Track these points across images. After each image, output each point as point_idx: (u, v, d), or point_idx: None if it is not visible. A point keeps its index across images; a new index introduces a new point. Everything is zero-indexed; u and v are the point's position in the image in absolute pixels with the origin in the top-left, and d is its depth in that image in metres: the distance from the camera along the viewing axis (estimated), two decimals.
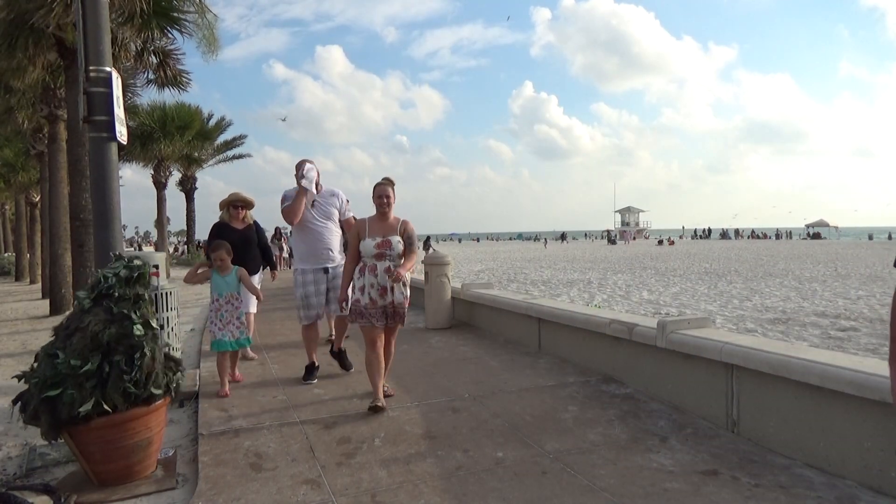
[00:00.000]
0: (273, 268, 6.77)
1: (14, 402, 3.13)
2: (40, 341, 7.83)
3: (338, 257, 5.14)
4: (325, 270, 5.04)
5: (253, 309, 6.20)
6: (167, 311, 4.93)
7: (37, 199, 20.31)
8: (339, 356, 5.37)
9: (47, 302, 11.65)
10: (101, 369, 3.05)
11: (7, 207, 31.64)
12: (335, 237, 5.14)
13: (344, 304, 4.45)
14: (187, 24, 10.18)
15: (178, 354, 5.18)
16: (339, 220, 5.22)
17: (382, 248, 4.18)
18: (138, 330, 3.16)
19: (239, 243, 5.67)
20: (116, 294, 3.21)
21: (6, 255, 29.68)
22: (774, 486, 2.93)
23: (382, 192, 4.29)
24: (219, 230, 6.04)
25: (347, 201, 5.29)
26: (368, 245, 4.19)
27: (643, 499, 2.85)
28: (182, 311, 6.15)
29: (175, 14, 9.94)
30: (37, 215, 20.33)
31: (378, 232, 4.23)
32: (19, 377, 3.13)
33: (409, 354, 5.98)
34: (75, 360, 3.01)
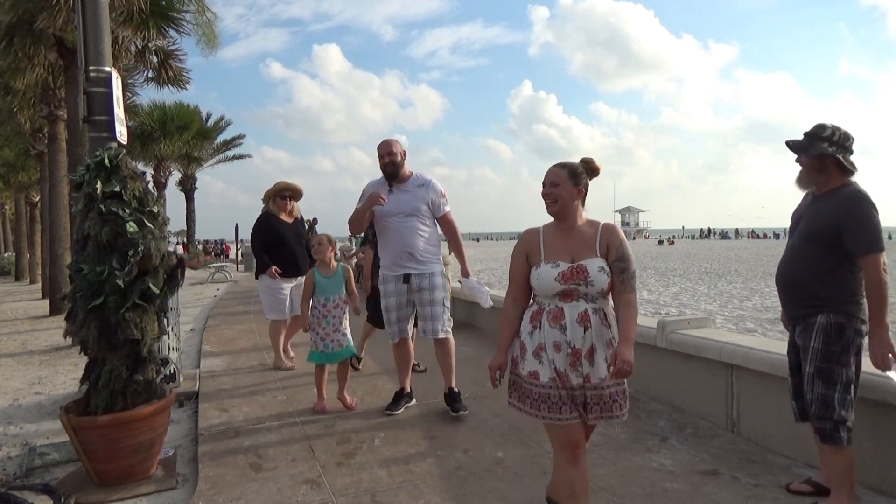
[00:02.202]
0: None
1: (66, 318, 3.27)
2: (40, 341, 7.85)
3: (430, 261, 4.05)
4: (406, 279, 4.02)
5: (279, 317, 5.54)
6: (168, 310, 4.92)
7: (37, 199, 20.31)
8: (451, 399, 4.13)
9: (47, 302, 11.65)
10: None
11: (7, 207, 31.64)
12: (422, 237, 4.02)
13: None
14: (185, 23, 10.19)
15: (177, 354, 5.19)
16: (437, 217, 4.11)
17: (572, 279, 2.33)
18: (132, 227, 3.13)
19: (291, 239, 5.18)
20: (100, 192, 3.18)
21: (6, 255, 29.67)
22: (774, 486, 2.93)
23: (555, 179, 2.42)
24: (268, 224, 5.40)
25: (443, 194, 4.11)
26: (546, 276, 2.35)
27: (643, 499, 2.85)
28: (182, 311, 6.14)
29: (173, 14, 9.94)
30: (37, 215, 20.32)
31: (562, 251, 2.38)
32: (63, 297, 3.25)
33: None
34: (100, 268, 3.09)
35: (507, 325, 2.50)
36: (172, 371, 4.59)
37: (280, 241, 5.43)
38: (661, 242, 64.31)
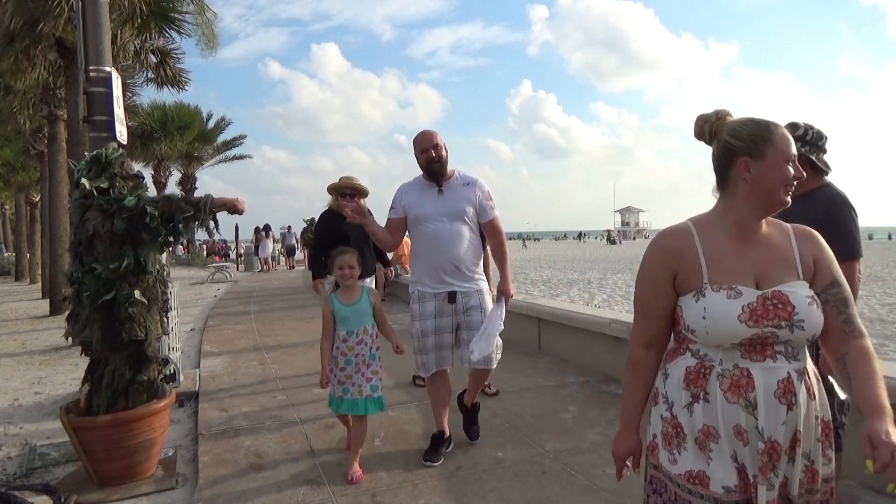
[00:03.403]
0: (386, 264, 5.95)
1: (67, 319, 3.29)
2: (40, 341, 7.85)
3: (477, 277, 3.41)
4: (452, 297, 3.32)
5: None
6: (167, 310, 4.93)
7: (37, 199, 20.30)
8: (468, 414, 3.66)
9: (47, 302, 11.65)
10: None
11: (7, 207, 31.64)
12: (469, 246, 3.35)
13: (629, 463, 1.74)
14: (185, 23, 10.20)
15: (177, 354, 5.19)
16: (480, 223, 3.43)
17: (768, 318, 1.38)
18: (120, 225, 3.14)
19: (355, 239, 4.53)
20: (92, 186, 3.19)
21: (6, 255, 29.68)
22: None
23: (754, 138, 1.44)
24: (330, 221, 4.87)
25: (490, 195, 3.45)
26: (722, 312, 1.39)
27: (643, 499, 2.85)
28: (182, 311, 6.14)
29: (173, 14, 9.94)
30: (37, 215, 20.31)
31: (741, 268, 1.45)
32: (64, 299, 3.26)
33: (409, 354, 5.95)
34: (113, 264, 3.11)
35: (639, 384, 1.58)
36: (172, 371, 4.59)
37: (344, 242, 5.07)
38: None
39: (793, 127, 2.50)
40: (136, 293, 3.17)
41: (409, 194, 3.41)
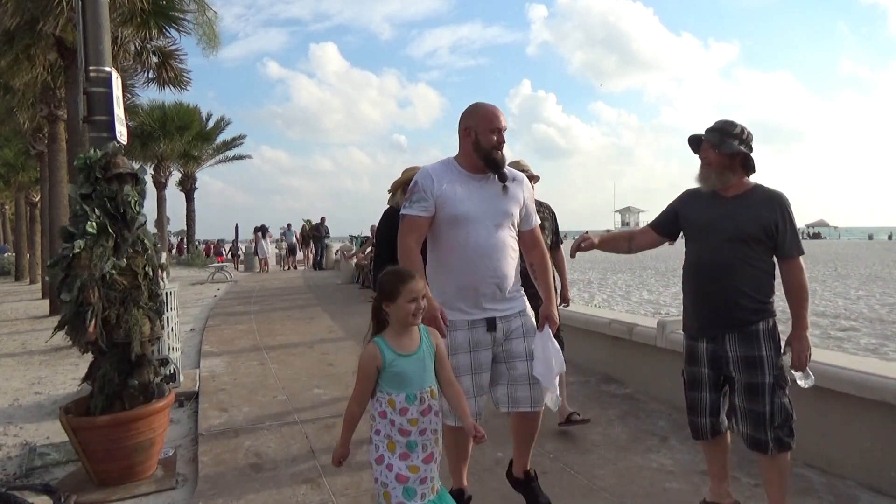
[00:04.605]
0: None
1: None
2: (40, 341, 7.84)
3: (517, 296, 2.66)
4: (491, 325, 2.57)
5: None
6: (167, 311, 4.92)
7: (37, 199, 20.30)
8: (526, 486, 2.77)
9: (47, 302, 11.64)
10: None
11: (7, 207, 31.64)
12: (513, 259, 2.61)
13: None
14: (186, 22, 10.20)
15: (177, 354, 5.19)
16: (523, 231, 2.70)
17: None
18: (91, 227, 3.10)
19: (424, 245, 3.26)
20: (77, 194, 3.20)
21: (6, 255, 29.69)
22: None
23: None
24: (396, 220, 3.16)
25: (532, 194, 2.78)
26: None
27: (643, 499, 2.85)
28: (182, 311, 6.14)
29: (174, 13, 9.95)
30: (37, 215, 20.30)
31: None
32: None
33: None
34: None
35: None
36: (172, 371, 4.59)
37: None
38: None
39: (730, 125, 2.49)
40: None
41: (447, 184, 2.51)
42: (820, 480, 2.97)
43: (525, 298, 2.72)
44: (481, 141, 2.51)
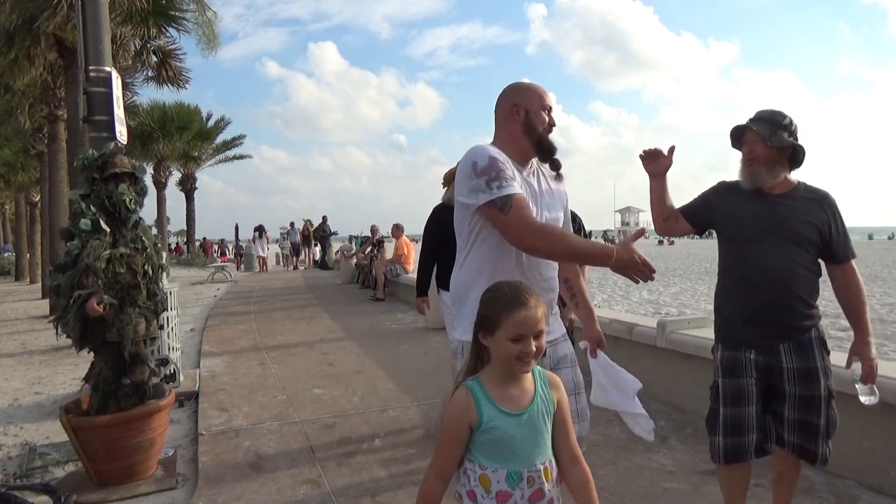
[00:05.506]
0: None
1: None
2: (40, 341, 7.84)
3: (557, 313, 2.33)
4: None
5: None
6: (168, 310, 4.92)
7: (37, 199, 20.29)
8: None
9: (47, 302, 11.64)
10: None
11: (7, 207, 31.64)
12: (556, 269, 2.17)
13: None
14: (185, 22, 10.20)
15: (177, 354, 5.19)
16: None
17: None
18: (84, 224, 3.10)
19: None
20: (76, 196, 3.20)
21: (6, 255, 29.68)
22: None
23: None
24: (447, 216, 2.88)
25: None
26: None
27: (643, 499, 2.85)
28: (182, 310, 6.14)
29: (173, 13, 9.95)
30: (37, 215, 20.30)
31: None
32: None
33: (409, 354, 5.97)
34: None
35: None
36: (172, 371, 4.59)
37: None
38: (661, 242, 64.27)
39: (780, 115, 2.30)
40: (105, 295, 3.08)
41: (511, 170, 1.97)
42: (820, 480, 2.97)
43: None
44: (534, 121, 2.04)
